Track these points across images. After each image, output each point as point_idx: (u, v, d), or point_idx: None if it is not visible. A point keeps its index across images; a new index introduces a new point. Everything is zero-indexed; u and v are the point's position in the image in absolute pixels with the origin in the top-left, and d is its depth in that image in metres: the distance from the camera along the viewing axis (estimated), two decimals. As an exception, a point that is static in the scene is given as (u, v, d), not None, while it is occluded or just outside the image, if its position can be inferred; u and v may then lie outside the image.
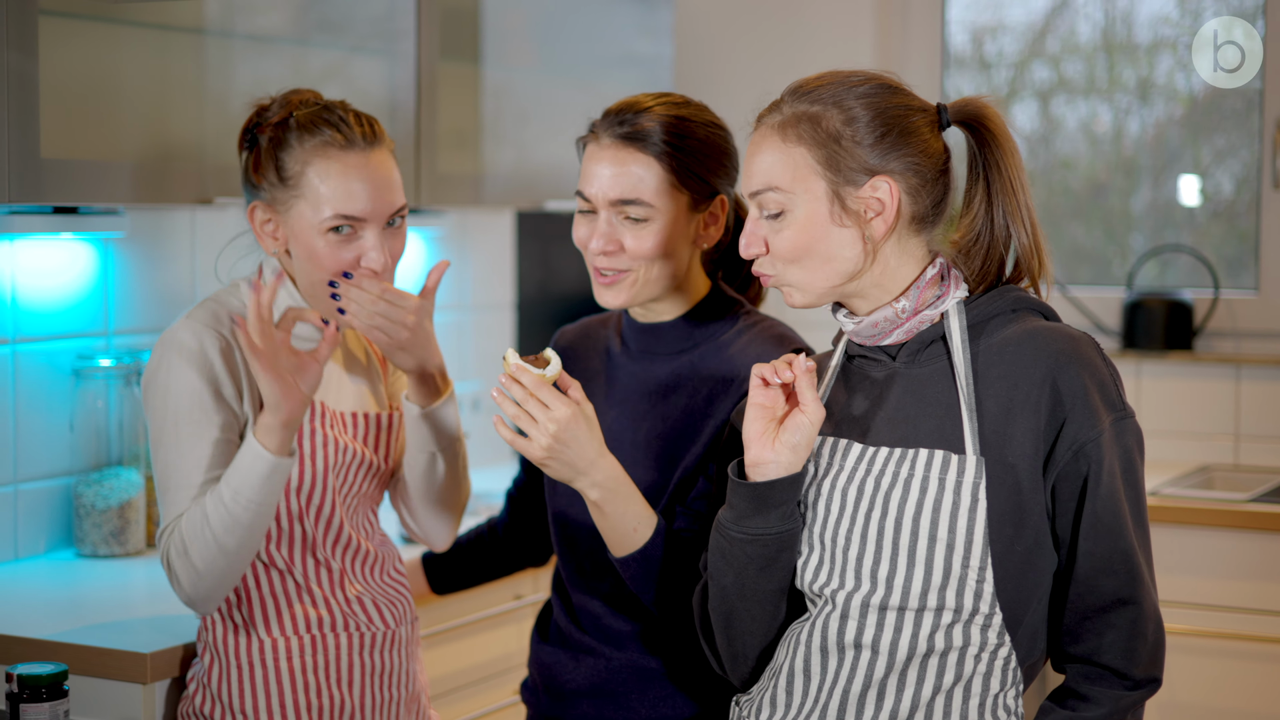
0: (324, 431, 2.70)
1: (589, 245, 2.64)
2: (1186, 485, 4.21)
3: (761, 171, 2.27)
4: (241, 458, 2.53)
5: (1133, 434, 2.23)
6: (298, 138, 2.64)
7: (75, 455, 3.38)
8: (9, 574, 3.22)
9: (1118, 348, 4.59)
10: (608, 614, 2.72)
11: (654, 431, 2.68)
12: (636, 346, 2.75)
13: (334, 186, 2.62)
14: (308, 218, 2.63)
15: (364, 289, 2.65)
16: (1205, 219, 4.77)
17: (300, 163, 2.63)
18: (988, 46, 4.94)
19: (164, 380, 2.62)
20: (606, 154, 2.64)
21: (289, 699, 2.66)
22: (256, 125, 2.70)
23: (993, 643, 2.20)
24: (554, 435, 2.42)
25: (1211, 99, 4.71)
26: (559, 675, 2.76)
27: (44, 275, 3.32)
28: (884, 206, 2.24)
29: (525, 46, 4.25)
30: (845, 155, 2.23)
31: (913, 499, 2.20)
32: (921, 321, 2.28)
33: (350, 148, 2.64)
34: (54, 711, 2.38)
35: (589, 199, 2.64)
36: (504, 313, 4.60)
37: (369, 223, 2.65)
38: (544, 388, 2.41)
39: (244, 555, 2.56)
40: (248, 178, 2.70)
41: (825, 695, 2.25)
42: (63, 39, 2.96)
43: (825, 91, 2.26)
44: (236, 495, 2.52)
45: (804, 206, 2.24)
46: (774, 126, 2.27)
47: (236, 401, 2.64)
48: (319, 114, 2.66)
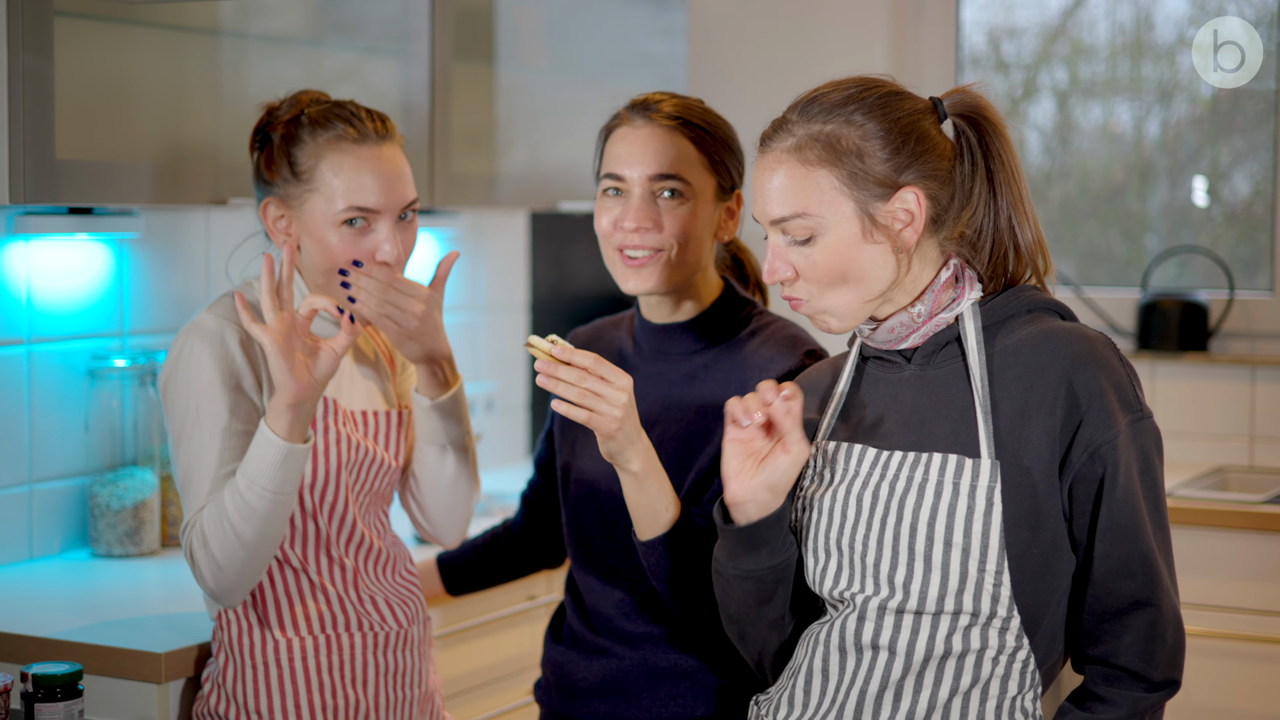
0: (336, 429, 2.70)
1: (622, 224, 2.64)
2: (1201, 487, 4.20)
3: (784, 198, 2.23)
4: (255, 445, 2.53)
5: (1150, 434, 2.22)
6: (310, 133, 2.66)
7: (90, 455, 3.38)
8: (24, 574, 3.22)
9: (1132, 349, 4.58)
10: (620, 615, 2.72)
11: (668, 433, 2.68)
12: (650, 348, 2.75)
13: (347, 179, 2.65)
14: (321, 211, 2.65)
15: (374, 277, 2.66)
16: (1221, 220, 4.76)
17: (313, 157, 2.65)
18: (1005, 47, 4.94)
19: (184, 374, 2.63)
20: (641, 133, 2.66)
21: (304, 698, 2.66)
22: (268, 124, 2.72)
23: (1011, 645, 2.19)
24: (624, 406, 2.38)
25: (1230, 101, 4.70)
26: (571, 674, 2.76)
27: (59, 276, 3.32)
28: (913, 216, 2.22)
29: (539, 47, 4.25)
30: (868, 172, 2.21)
31: (927, 503, 2.19)
32: (938, 325, 2.27)
33: (363, 141, 2.67)
34: (69, 711, 2.38)
35: (623, 177, 2.65)
36: (517, 314, 4.60)
37: (382, 215, 2.67)
38: (604, 363, 2.39)
39: (264, 547, 2.56)
40: (259, 175, 2.72)
41: (843, 695, 2.24)
42: (77, 40, 2.96)
43: (833, 107, 2.23)
44: (251, 484, 2.52)
45: (835, 229, 2.22)
46: (789, 150, 2.24)
47: (257, 394, 2.65)
48: (331, 109, 2.69)
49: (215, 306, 2.67)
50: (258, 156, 2.73)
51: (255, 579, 2.60)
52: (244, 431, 2.62)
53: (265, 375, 2.65)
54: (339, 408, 2.72)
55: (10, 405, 3.25)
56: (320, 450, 2.68)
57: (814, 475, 2.33)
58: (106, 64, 3.06)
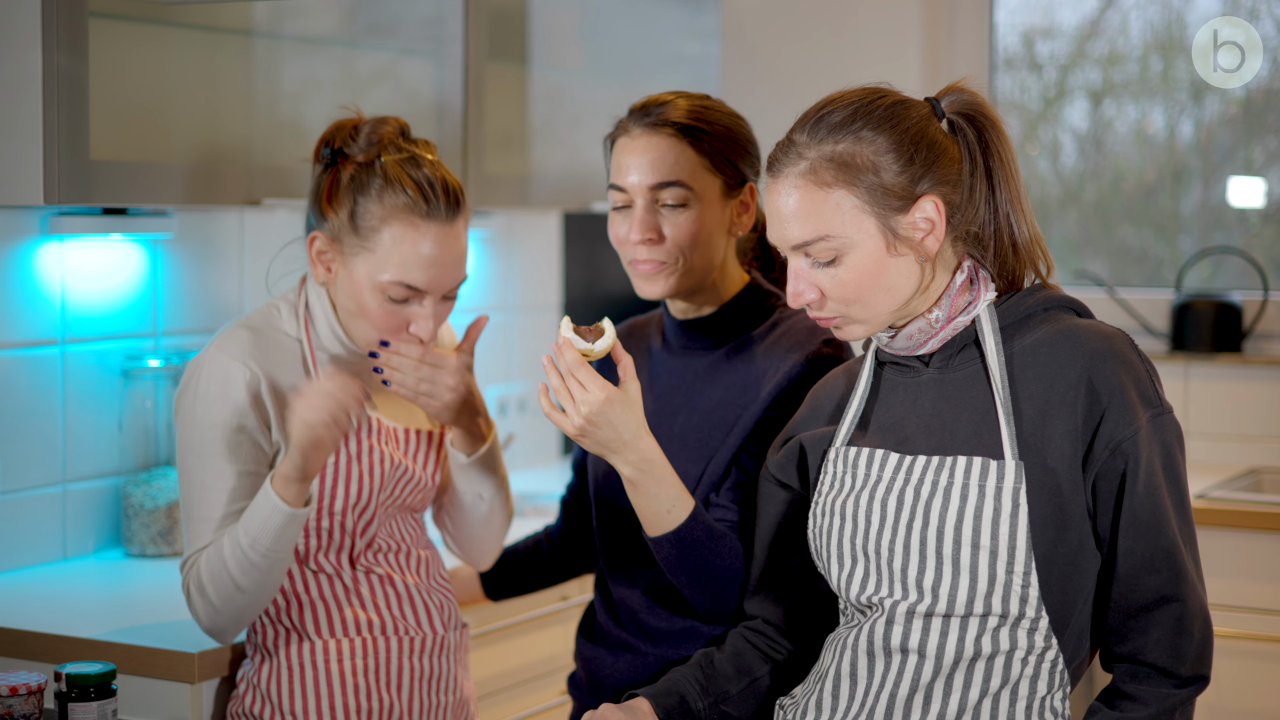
0: (380, 448, 2.70)
1: (629, 237, 2.65)
2: (1235, 488, 4.18)
3: (804, 223, 2.22)
4: (258, 506, 2.54)
5: (1171, 429, 2.21)
6: (380, 190, 2.60)
7: (124, 455, 3.39)
8: (58, 573, 3.23)
9: (1166, 350, 4.56)
10: (645, 609, 2.72)
11: (689, 424, 2.69)
12: (677, 343, 2.76)
13: (405, 254, 2.59)
14: (369, 272, 2.61)
15: (404, 355, 2.65)
16: (1256, 221, 4.74)
17: (378, 219, 2.59)
18: (1039, 47, 4.92)
19: (189, 410, 2.63)
20: (639, 143, 2.65)
21: (338, 701, 2.66)
22: (341, 151, 2.65)
23: (1040, 645, 2.19)
24: (586, 417, 2.43)
25: (1265, 100, 4.68)
26: (599, 670, 2.77)
27: (93, 276, 3.33)
28: (933, 225, 2.22)
29: (572, 48, 4.26)
30: (885, 186, 2.20)
31: (953, 507, 2.19)
32: (955, 328, 2.27)
33: (431, 219, 2.60)
34: (102, 711, 2.39)
35: (625, 189, 2.65)
36: (550, 314, 4.60)
37: (428, 295, 2.64)
38: (582, 368, 2.42)
39: (262, 594, 2.59)
40: (317, 202, 2.66)
41: (872, 699, 2.24)
42: (112, 41, 2.97)
43: (839, 125, 2.22)
44: (254, 543, 2.54)
45: (860, 247, 2.21)
46: (803, 174, 2.22)
47: (263, 434, 2.64)
48: (409, 170, 2.61)
49: (225, 343, 2.65)
50: (320, 178, 2.66)
51: (251, 619, 2.63)
52: (247, 473, 2.63)
53: (274, 415, 2.64)
54: (381, 425, 2.72)
55: (45, 405, 3.26)
56: (364, 471, 2.68)
57: (834, 481, 2.33)
58: (141, 65, 3.07)
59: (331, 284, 2.67)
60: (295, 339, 2.69)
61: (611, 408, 2.43)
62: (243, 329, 2.67)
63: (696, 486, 2.65)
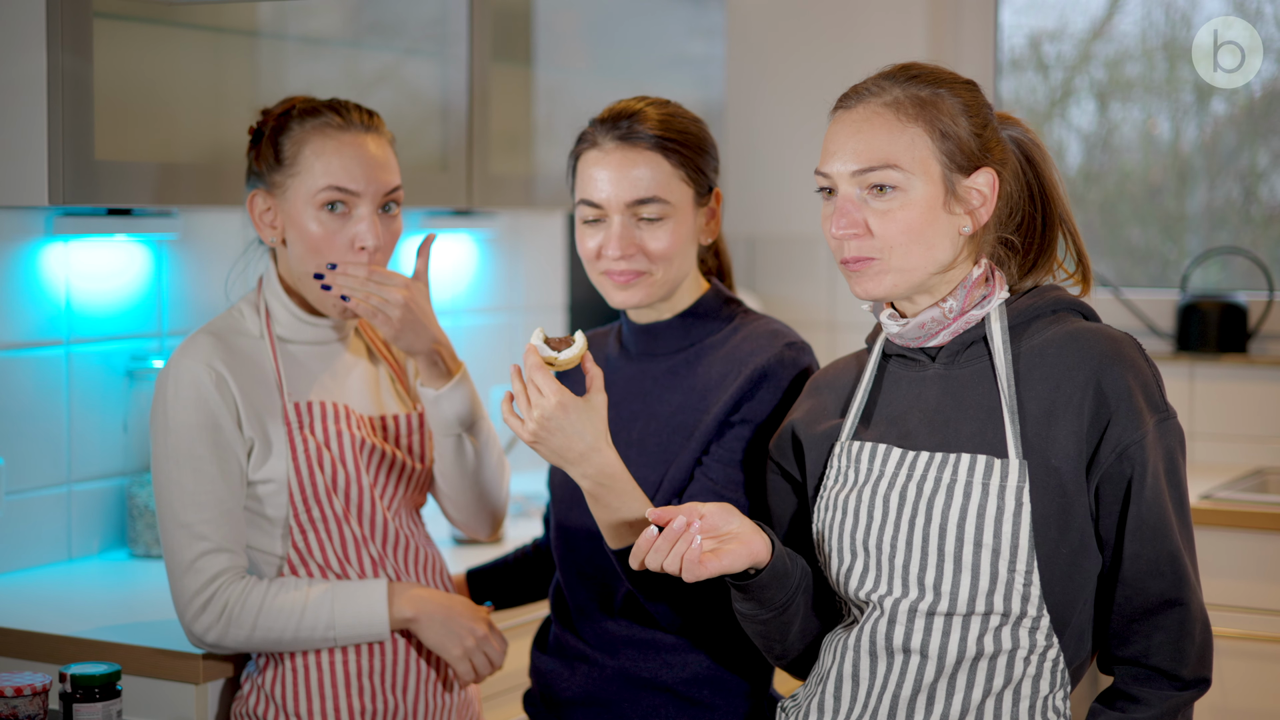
0: (351, 432, 2.71)
1: (605, 252, 2.63)
2: (1240, 489, 4.18)
3: (875, 147, 2.24)
4: (356, 604, 2.66)
5: (1175, 434, 2.22)
6: (298, 122, 2.69)
7: (129, 456, 3.39)
8: (62, 574, 3.24)
9: (1171, 350, 4.56)
10: (601, 618, 2.71)
11: (647, 430, 2.68)
12: (636, 348, 2.75)
13: (328, 161, 2.67)
14: (302, 193, 2.67)
15: (349, 273, 2.67)
16: (1262, 221, 4.74)
17: (297, 143, 2.68)
18: (1046, 48, 4.92)
19: (163, 419, 2.66)
20: (613, 158, 2.64)
21: (343, 701, 2.67)
22: (260, 123, 2.74)
23: (1041, 645, 2.19)
24: (538, 421, 2.40)
25: (1269, 101, 4.68)
26: (555, 684, 2.75)
27: (98, 277, 3.33)
28: (984, 199, 2.25)
29: (577, 48, 4.25)
30: (959, 139, 2.24)
31: (956, 504, 2.19)
32: (967, 322, 2.27)
33: (347, 128, 2.70)
34: (107, 711, 2.39)
35: (600, 205, 2.64)
36: (555, 314, 4.60)
37: (362, 199, 2.68)
38: (539, 372, 2.41)
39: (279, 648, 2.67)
40: (250, 169, 2.74)
41: (875, 700, 2.24)
42: (116, 41, 2.97)
43: (925, 80, 2.26)
44: (330, 627, 2.65)
45: (920, 188, 2.23)
46: (887, 104, 2.25)
47: (236, 431, 2.66)
48: (319, 102, 2.72)
49: (189, 349, 2.68)
50: (248, 155, 2.75)
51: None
52: (226, 471, 2.66)
53: (242, 408, 2.67)
54: (350, 412, 2.73)
55: (49, 406, 3.26)
56: (335, 455, 2.70)
57: (838, 475, 2.33)
58: (145, 65, 3.07)
59: (280, 243, 2.72)
60: (257, 337, 2.73)
61: (565, 414, 2.40)
62: (204, 334, 2.71)
63: (656, 493, 2.64)
